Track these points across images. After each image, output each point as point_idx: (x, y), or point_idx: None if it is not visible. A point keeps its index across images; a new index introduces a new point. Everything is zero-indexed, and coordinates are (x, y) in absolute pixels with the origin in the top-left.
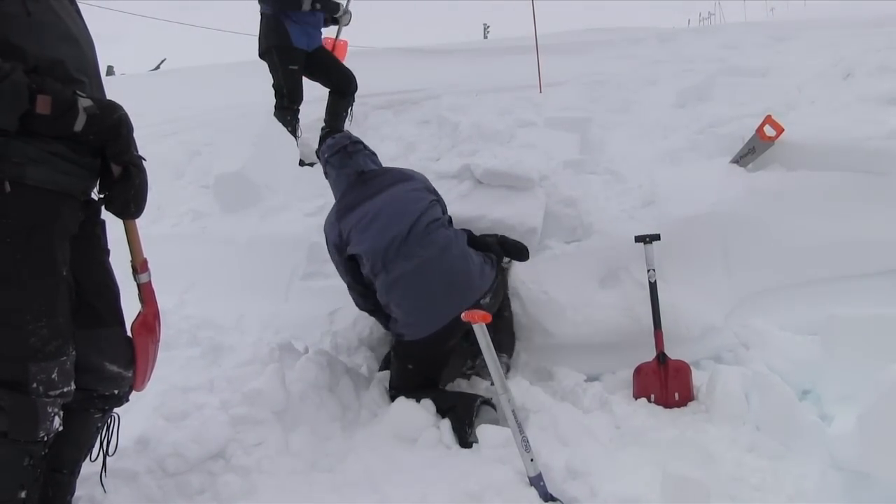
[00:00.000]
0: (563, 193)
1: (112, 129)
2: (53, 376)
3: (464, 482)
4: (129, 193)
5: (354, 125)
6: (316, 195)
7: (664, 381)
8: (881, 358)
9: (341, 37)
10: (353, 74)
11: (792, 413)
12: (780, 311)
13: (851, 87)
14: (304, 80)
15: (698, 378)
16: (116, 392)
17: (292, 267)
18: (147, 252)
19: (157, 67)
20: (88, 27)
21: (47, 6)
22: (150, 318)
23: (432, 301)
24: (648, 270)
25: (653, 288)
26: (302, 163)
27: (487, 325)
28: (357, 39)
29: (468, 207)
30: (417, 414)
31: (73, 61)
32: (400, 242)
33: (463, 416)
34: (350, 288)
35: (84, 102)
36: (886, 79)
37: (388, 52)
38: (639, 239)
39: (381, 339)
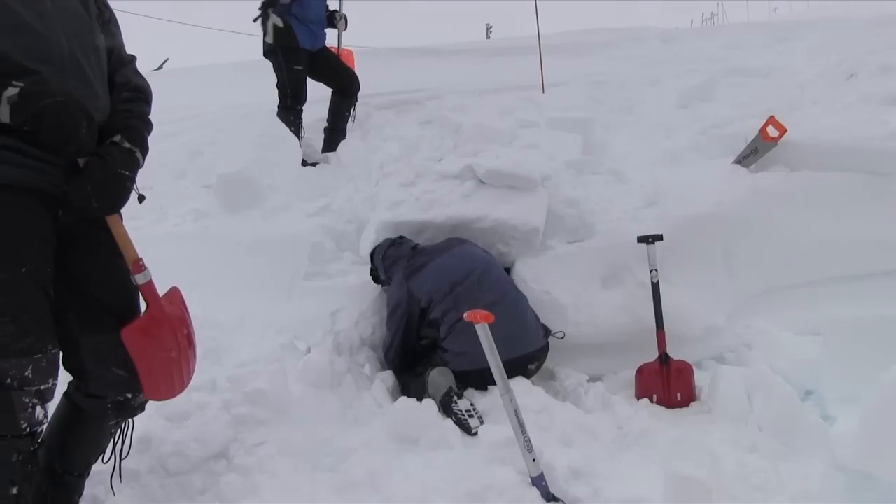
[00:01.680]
0: (565, 194)
1: (35, 117)
2: (27, 374)
3: (466, 482)
4: (85, 187)
5: (357, 125)
6: (318, 195)
7: (666, 382)
8: (884, 358)
9: (343, 45)
10: (356, 75)
11: (794, 413)
12: (783, 312)
13: (854, 87)
14: (308, 80)
15: (700, 378)
16: (130, 397)
17: (294, 267)
18: (149, 252)
19: (160, 67)
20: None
21: None
22: (147, 322)
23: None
24: (651, 271)
25: (655, 288)
26: (305, 163)
27: (490, 326)
28: (359, 40)
29: (471, 207)
30: (419, 414)
31: (23, 51)
32: (478, 276)
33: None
34: (393, 348)
35: (9, 92)
36: (889, 79)
37: (390, 52)
38: (641, 239)
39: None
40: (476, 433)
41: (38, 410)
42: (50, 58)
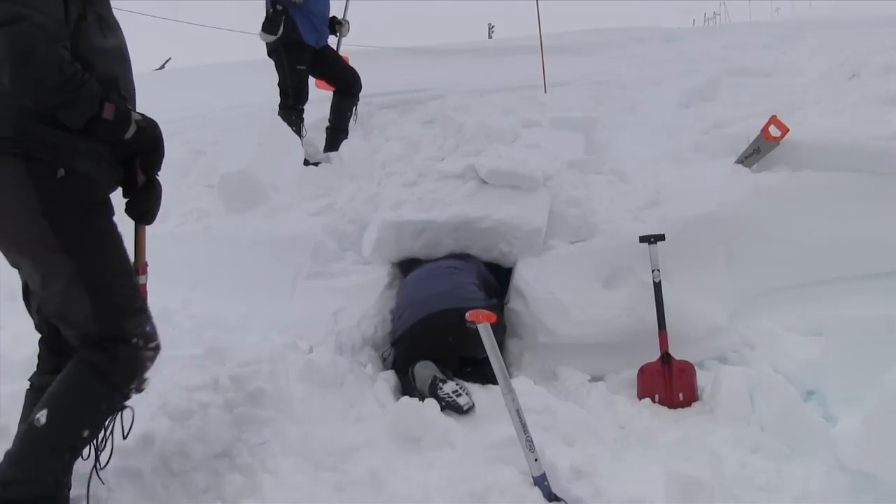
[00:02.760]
0: (567, 193)
1: (154, 140)
2: (147, 329)
3: (467, 482)
4: (150, 202)
5: (359, 125)
6: (320, 195)
7: (668, 382)
8: (886, 359)
9: (342, 51)
10: (358, 74)
11: (796, 414)
12: (785, 312)
13: (857, 87)
14: (310, 79)
15: (703, 378)
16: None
17: (297, 266)
18: (152, 251)
19: (162, 67)
20: None
21: (116, 32)
22: None
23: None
24: (653, 270)
25: (657, 288)
26: (307, 162)
27: (492, 326)
28: (362, 39)
29: (473, 207)
30: (421, 413)
31: (123, 81)
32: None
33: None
34: None
35: (135, 115)
36: (892, 79)
37: (392, 51)
38: (643, 239)
39: (385, 339)
40: (468, 410)
41: (146, 384)
42: (129, 90)
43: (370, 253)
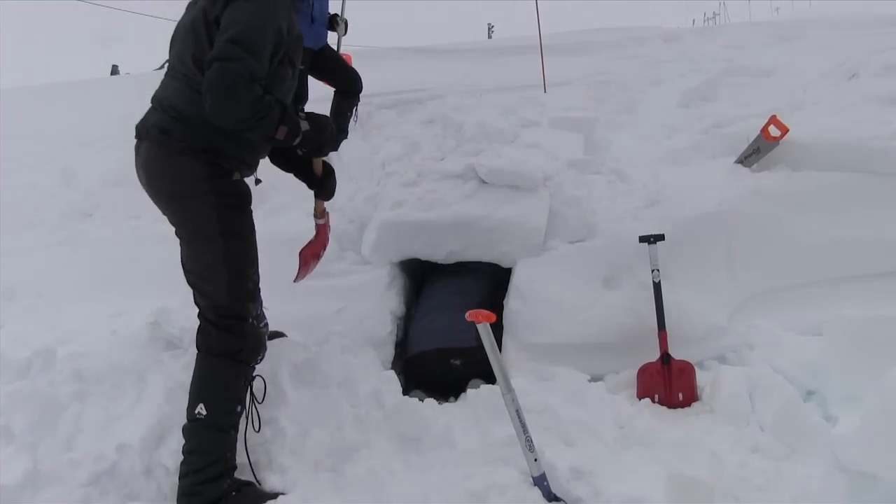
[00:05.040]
0: (567, 193)
1: (329, 142)
2: (259, 312)
3: (467, 482)
4: (334, 181)
5: (359, 125)
6: None
7: (668, 382)
8: (886, 359)
9: (342, 50)
10: (358, 74)
11: (796, 414)
12: (785, 312)
13: (857, 87)
14: (310, 79)
15: (702, 378)
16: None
17: (296, 266)
18: (152, 251)
19: (162, 67)
20: (94, 29)
21: (296, 70)
22: (317, 247)
23: None
24: (652, 270)
25: (657, 288)
26: None
27: (492, 325)
28: (361, 40)
29: (472, 207)
30: (421, 413)
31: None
32: None
33: None
34: None
35: (304, 125)
36: (892, 79)
37: (392, 51)
38: (643, 239)
39: (386, 339)
40: None
41: (264, 353)
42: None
43: (370, 253)
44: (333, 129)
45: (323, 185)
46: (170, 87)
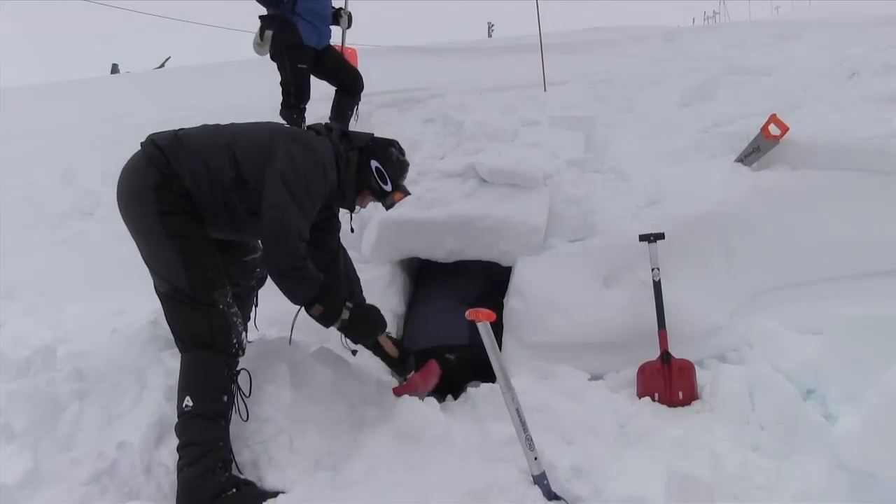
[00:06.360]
0: (567, 192)
1: (364, 338)
2: (229, 298)
3: (467, 481)
4: (412, 361)
5: (359, 124)
6: None
7: (668, 381)
8: (886, 357)
9: (347, 44)
10: (360, 74)
11: (796, 413)
12: (785, 311)
13: (856, 86)
14: (312, 78)
15: (702, 377)
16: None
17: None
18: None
19: (162, 65)
20: (94, 27)
21: (336, 228)
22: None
23: None
24: (652, 269)
25: (657, 287)
26: None
27: (492, 324)
28: (362, 38)
29: (472, 206)
30: (421, 412)
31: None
32: None
33: None
34: None
35: (345, 314)
36: (892, 78)
37: (392, 50)
38: (643, 238)
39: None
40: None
41: (242, 335)
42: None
43: (370, 252)
44: (376, 327)
45: (401, 367)
46: (213, 150)
